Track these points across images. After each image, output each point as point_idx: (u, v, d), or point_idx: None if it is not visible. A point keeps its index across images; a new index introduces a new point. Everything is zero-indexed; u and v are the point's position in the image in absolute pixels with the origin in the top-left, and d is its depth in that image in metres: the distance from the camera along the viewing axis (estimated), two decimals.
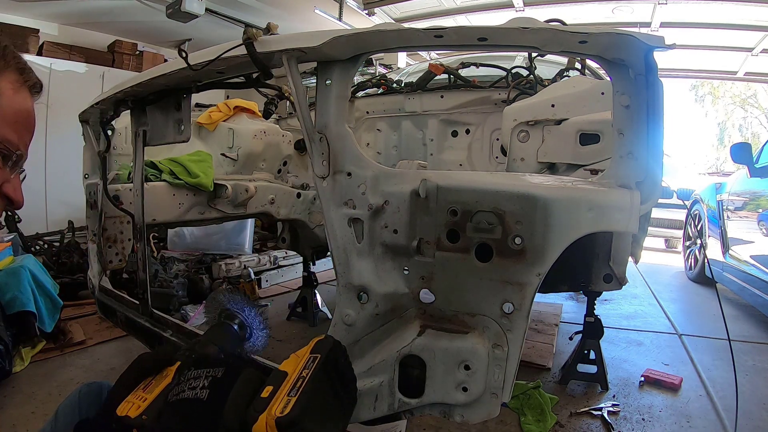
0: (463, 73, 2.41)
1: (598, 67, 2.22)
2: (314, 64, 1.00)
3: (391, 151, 2.54)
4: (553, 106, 1.61)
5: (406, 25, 0.92)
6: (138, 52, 5.55)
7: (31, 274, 2.22)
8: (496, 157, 2.21)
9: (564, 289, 2.17)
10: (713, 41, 5.42)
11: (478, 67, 2.47)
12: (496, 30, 0.87)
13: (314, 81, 1.00)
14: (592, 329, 2.01)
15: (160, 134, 1.46)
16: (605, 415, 1.78)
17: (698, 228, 4.23)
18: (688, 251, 4.54)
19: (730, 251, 3.36)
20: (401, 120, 2.48)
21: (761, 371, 2.27)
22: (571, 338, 2.21)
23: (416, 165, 1.23)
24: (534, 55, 2.21)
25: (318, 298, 2.81)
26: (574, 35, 0.86)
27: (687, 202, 4.61)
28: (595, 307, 2.01)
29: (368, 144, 2.58)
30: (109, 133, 1.72)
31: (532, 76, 2.14)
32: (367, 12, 5.27)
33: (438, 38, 0.90)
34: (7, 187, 0.61)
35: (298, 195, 2.28)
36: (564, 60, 2.26)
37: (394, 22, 4.16)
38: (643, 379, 2.10)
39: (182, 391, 0.63)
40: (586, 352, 2.03)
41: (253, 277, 3.35)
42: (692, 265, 4.38)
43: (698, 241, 4.22)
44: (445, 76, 2.39)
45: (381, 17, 5.40)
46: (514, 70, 2.25)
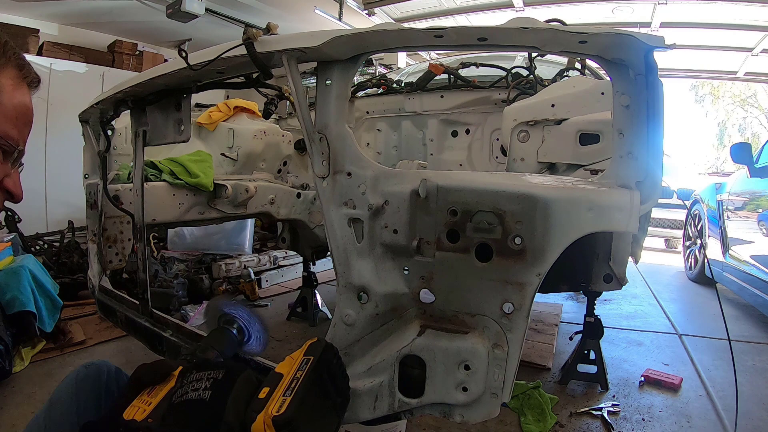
0: (463, 73, 2.41)
1: (598, 67, 2.22)
2: (314, 64, 1.00)
3: (391, 151, 2.53)
4: (553, 106, 1.61)
5: (406, 25, 0.92)
6: (138, 52, 5.55)
7: (31, 274, 2.23)
8: (496, 157, 2.21)
9: (564, 289, 2.17)
10: (713, 41, 5.41)
11: (478, 67, 2.46)
12: (496, 30, 0.87)
13: (314, 81, 1.00)
14: (592, 329, 2.01)
15: (160, 134, 1.46)
16: (605, 415, 1.78)
17: (698, 228, 4.23)
18: (688, 251, 4.54)
19: (730, 251, 3.36)
20: (401, 120, 2.48)
21: (761, 371, 2.27)
22: (571, 338, 2.21)
23: (416, 165, 1.24)
24: (534, 55, 2.21)
25: (318, 298, 2.82)
26: (574, 35, 0.86)
27: (687, 202, 4.61)
28: (595, 307, 2.01)
29: (368, 144, 2.58)
30: (109, 133, 1.72)
31: (532, 76, 2.14)
32: (367, 12, 5.26)
33: (438, 38, 0.90)
34: (8, 181, 0.62)
35: (298, 195, 2.28)
36: (564, 60, 2.26)
37: (394, 22, 4.16)
38: (643, 379, 2.11)
39: (185, 393, 0.66)
40: (586, 352, 2.03)
41: (253, 277, 3.35)
42: (692, 265, 4.38)
43: (698, 241, 4.22)
44: (445, 76, 2.38)
45: (381, 17, 5.39)
46: (514, 70, 2.24)
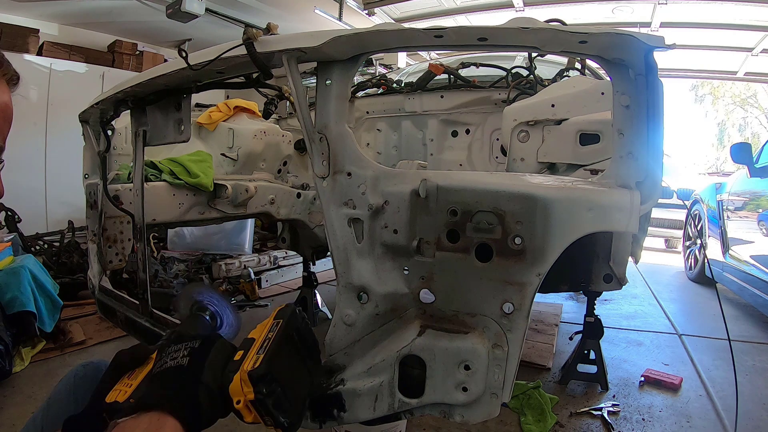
0: (463, 73, 2.41)
1: (598, 67, 2.22)
2: (314, 64, 1.00)
3: (391, 151, 2.53)
4: (553, 106, 1.61)
5: (406, 25, 0.92)
6: (138, 52, 5.55)
7: (31, 274, 2.23)
8: (496, 157, 2.21)
9: (564, 289, 2.17)
10: (713, 41, 5.41)
11: (478, 67, 2.46)
12: (496, 30, 0.87)
13: (314, 81, 1.00)
14: (592, 329, 2.01)
15: (160, 134, 1.46)
16: (605, 415, 1.78)
17: (698, 228, 4.23)
18: (688, 251, 4.54)
19: (730, 251, 3.36)
20: (401, 120, 2.48)
21: (761, 371, 2.27)
22: (571, 338, 2.21)
23: (416, 165, 1.23)
24: (534, 55, 2.21)
25: (318, 298, 2.81)
26: (574, 35, 0.86)
27: (687, 202, 4.61)
28: (595, 307, 2.01)
29: (368, 144, 2.58)
30: (109, 133, 1.72)
31: (532, 76, 2.14)
32: (367, 12, 5.27)
33: (438, 38, 0.90)
34: None
35: (298, 195, 2.28)
36: (564, 60, 2.26)
37: (394, 22, 4.16)
38: (643, 379, 2.11)
39: (164, 363, 0.68)
40: (586, 352, 2.03)
41: (253, 277, 3.35)
42: (692, 265, 4.38)
43: (698, 241, 4.22)
44: (445, 76, 2.38)
45: (381, 17, 5.40)
46: (514, 70, 2.24)
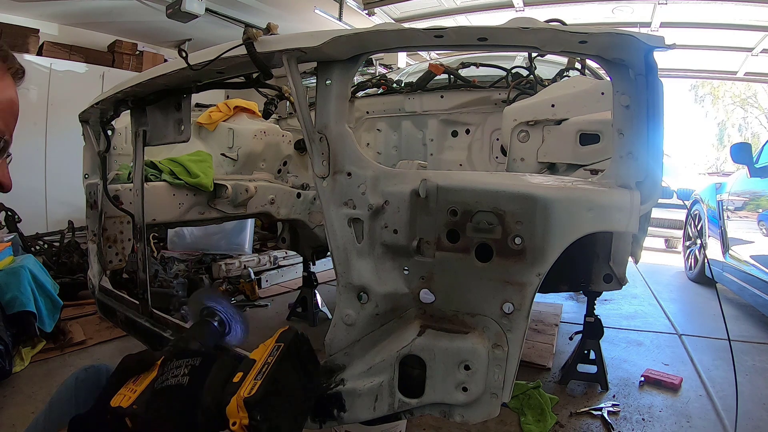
0: (463, 73, 2.41)
1: (598, 67, 2.22)
2: (314, 64, 1.00)
3: (391, 151, 2.53)
4: (553, 106, 1.61)
5: (406, 25, 0.92)
6: (138, 52, 5.54)
7: (31, 274, 2.23)
8: (496, 157, 2.21)
9: (564, 289, 2.17)
10: (713, 41, 5.41)
11: (478, 67, 2.46)
12: (496, 30, 0.87)
13: (314, 81, 1.00)
14: (592, 329, 2.01)
15: (160, 134, 1.46)
16: (605, 415, 1.78)
17: (698, 228, 4.23)
18: (688, 251, 4.54)
19: (730, 251, 3.36)
20: (401, 120, 2.48)
21: (761, 371, 2.27)
22: (571, 338, 2.21)
23: (416, 165, 1.23)
24: (534, 55, 2.21)
25: (318, 298, 2.82)
26: (574, 35, 0.86)
27: (687, 202, 4.61)
28: (595, 307, 2.01)
29: (368, 144, 2.58)
30: (109, 133, 1.72)
31: (532, 76, 2.14)
32: (367, 12, 5.26)
33: (438, 38, 0.90)
34: None
35: (298, 195, 2.28)
36: (564, 60, 2.26)
37: (394, 22, 4.15)
38: (643, 379, 2.11)
39: (166, 380, 0.71)
40: (586, 352, 2.03)
41: (253, 277, 3.35)
42: (692, 265, 4.38)
43: (698, 241, 4.22)
44: (445, 76, 2.38)
45: (381, 17, 5.39)
46: (514, 70, 2.24)
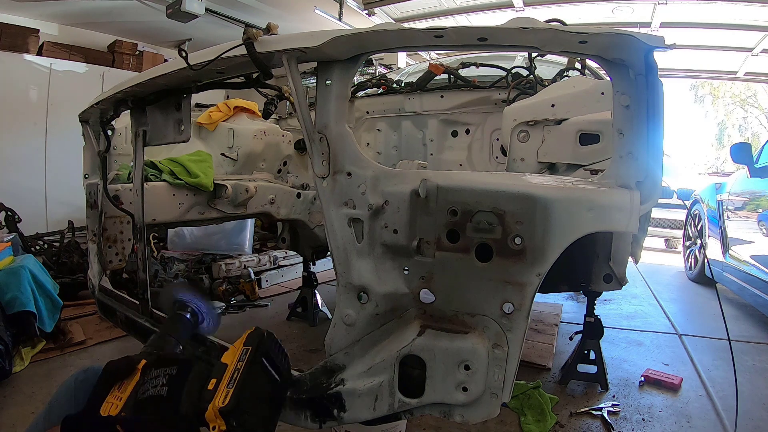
0: (463, 73, 2.41)
1: (598, 67, 2.22)
2: (314, 64, 1.00)
3: (391, 151, 2.53)
4: (553, 106, 1.61)
5: (406, 25, 0.92)
6: (138, 52, 5.54)
7: (31, 274, 2.23)
8: (496, 157, 2.21)
9: (564, 289, 2.17)
10: (713, 41, 5.41)
11: (478, 67, 2.46)
12: (496, 30, 0.87)
13: (314, 81, 1.00)
14: (592, 329, 2.01)
15: (160, 134, 1.46)
16: (605, 415, 1.78)
17: (698, 228, 4.23)
18: (688, 251, 4.54)
19: (730, 251, 3.36)
20: (401, 120, 2.48)
21: (761, 371, 2.27)
22: (571, 338, 2.21)
23: (416, 165, 1.24)
24: (534, 55, 2.21)
25: (318, 298, 2.82)
26: (574, 35, 0.86)
27: (687, 202, 4.61)
28: (595, 307, 2.01)
29: (368, 144, 2.58)
30: (109, 133, 1.72)
31: (532, 76, 2.14)
32: (367, 12, 5.26)
33: (438, 38, 0.90)
34: None
35: (298, 195, 2.28)
36: (564, 60, 2.26)
37: (394, 22, 4.15)
38: (643, 379, 2.11)
39: (147, 390, 0.76)
40: (586, 352, 2.03)
41: (253, 277, 3.35)
42: (692, 265, 4.38)
43: (698, 241, 4.22)
44: (445, 76, 2.38)
45: (381, 17, 5.39)
46: (514, 70, 2.24)
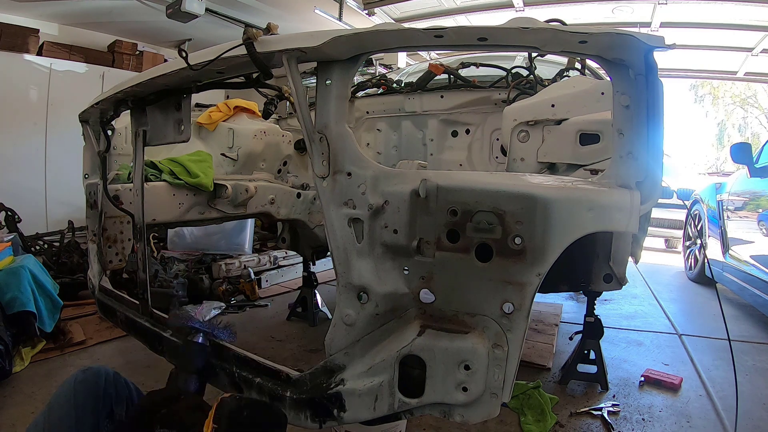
0: (463, 73, 2.41)
1: (598, 67, 2.22)
2: (314, 64, 1.00)
3: (391, 151, 2.53)
4: (553, 106, 1.61)
5: (406, 25, 0.92)
6: (138, 52, 5.54)
7: (31, 274, 2.22)
8: (496, 157, 2.21)
9: (564, 289, 2.17)
10: (713, 41, 5.41)
11: (478, 67, 2.46)
12: (496, 30, 0.87)
13: (314, 81, 1.00)
14: (592, 329, 2.01)
15: (160, 134, 1.46)
16: (605, 415, 1.78)
17: (698, 228, 4.23)
18: (688, 251, 4.54)
19: (730, 251, 3.36)
20: (401, 120, 2.48)
21: (761, 371, 2.27)
22: (571, 338, 2.21)
23: (416, 165, 1.23)
24: (534, 55, 2.21)
25: (318, 298, 2.82)
26: (574, 35, 0.86)
27: (687, 202, 4.61)
28: (595, 307, 2.01)
29: (368, 144, 2.58)
30: (109, 133, 1.72)
31: (532, 76, 2.14)
32: (367, 12, 5.26)
33: (438, 38, 0.90)
34: None
35: (298, 195, 2.28)
36: (564, 60, 2.26)
37: (394, 22, 4.15)
38: (643, 379, 2.10)
39: None
40: (586, 352, 2.03)
41: (253, 277, 3.35)
42: (692, 265, 4.38)
43: (698, 241, 4.22)
44: (445, 76, 2.38)
45: (381, 17, 5.39)
46: (514, 70, 2.24)
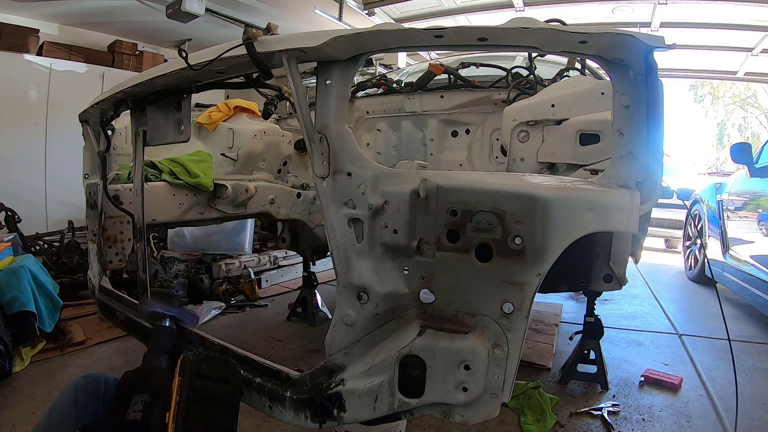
0: (463, 73, 2.41)
1: (598, 67, 2.21)
2: (314, 64, 1.00)
3: (391, 151, 2.53)
4: (553, 106, 1.61)
5: (406, 25, 0.92)
6: (138, 52, 5.54)
7: (31, 274, 2.22)
8: (496, 157, 2.21)
9: (564, 289, 2.17)
10: (713, 41, 5.41)
11: (478, 67, 2.46)
12: (496, 30, 0.87)
13: (314, 81, 1.00)
14: (592, 329, 2.01)
15: (160, 134, 1.46)
16: (605, 415, 1.78)
17: (698, 228, 4.23)
18: (688, 251, 4.54)
19: (730, 251, 3.36)
20: (401, 120, 2.48)
21: (761, 371, 2.27)
22: (571, 338, 2.21)
23: (416, 165, 1.23)
24: (534, 55, 2.21)
25: (318, 298, 2.82)
26: (574, 35, 0.86)
27: (687, 202, 4.61)
28: (595, 307, 2.01)
29: (368, 144, 2.58)
30: (109, 133, 1.72)
31: (532, 76, 2.14)
32: (367, 12, 5.26)
33: (438, 38, 0.90)
34: None
35: (298, 195, 2.28)
36: (564, 60, 2.26)
37: (394, 22, 4.15)
38: (643, 379, 2.10)
39: (129, 414, 0.96)
40: (586, 352, 2.03)
41: (253, 277, 3.35)
42: (692, 265, 4.38)
43: (698, 241, 4.22)
44: (445, 76, 2.38)
45: (381, 17, 5.39)
46: (514, 70, 2.24)
